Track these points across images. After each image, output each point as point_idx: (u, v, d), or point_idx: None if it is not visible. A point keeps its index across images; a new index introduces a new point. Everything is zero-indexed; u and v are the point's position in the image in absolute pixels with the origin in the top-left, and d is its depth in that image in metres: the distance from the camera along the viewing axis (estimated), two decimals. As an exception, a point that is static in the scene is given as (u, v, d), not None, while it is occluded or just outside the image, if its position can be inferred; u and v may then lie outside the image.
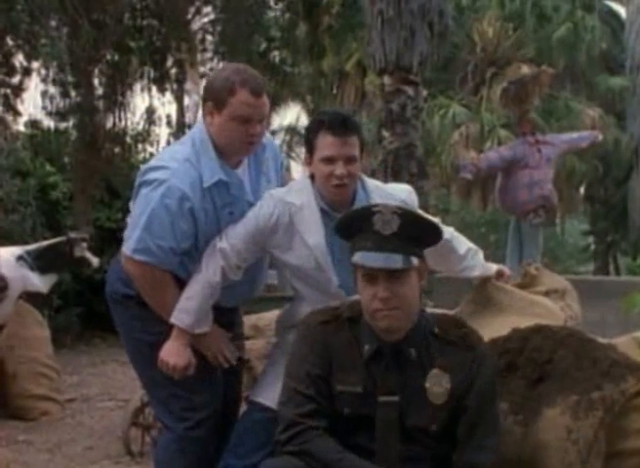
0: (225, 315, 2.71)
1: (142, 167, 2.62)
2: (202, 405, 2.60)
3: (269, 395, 2.50)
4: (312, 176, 2.56)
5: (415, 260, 2.09)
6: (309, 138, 2.53)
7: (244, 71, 2.55)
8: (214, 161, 2.52)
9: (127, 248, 2.52)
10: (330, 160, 2.46)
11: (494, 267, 2.95)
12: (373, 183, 2.66)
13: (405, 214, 2.08)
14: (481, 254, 2.89)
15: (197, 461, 2.61)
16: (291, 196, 2.55)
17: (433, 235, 2.17)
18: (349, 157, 2.46)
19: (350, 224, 2.14)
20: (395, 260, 2.04)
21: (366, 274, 2.08)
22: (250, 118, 2.50)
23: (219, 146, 2.53)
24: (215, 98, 2.51)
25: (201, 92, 2.82)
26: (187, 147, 2.55)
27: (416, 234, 2.09)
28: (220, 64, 10.22)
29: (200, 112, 2.65)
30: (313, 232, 2.50)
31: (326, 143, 2.46)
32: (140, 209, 2.51)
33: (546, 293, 2.97)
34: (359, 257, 2.08)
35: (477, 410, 2.10)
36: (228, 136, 2.51)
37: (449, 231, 2.79)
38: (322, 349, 2.14)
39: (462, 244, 2.86)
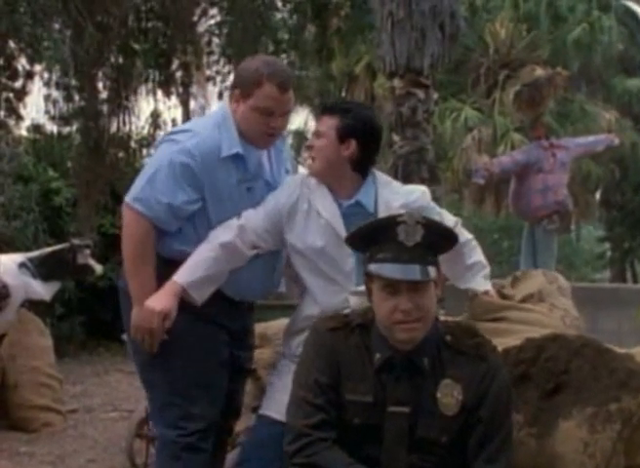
0: (241, 318, 2.70)
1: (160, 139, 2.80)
2: (199, 416, 2.58)
3: (279, 408, 2.48)
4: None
5: (434, 271, 2.09)
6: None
7: (274, 64, 2.66)
8: (234, 136, 2.60)
9: (129, 195, 2.59)
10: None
11: (484, 287, 2.84)
12: (384, 178, 2.72)
13: (428, 225, 2.09)
14: (486, 271, 2.86)
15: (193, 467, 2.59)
16: (307, 178, 2.66)
17: (450, 244, 2.19)
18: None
19: (372, 233, 2.13)
20: (418, 272, 2.05)
21: (387, 285, 2.07)
22: (273, 111, 2.58)
23: (240, 130, 2.62)
24: (242, 87, 2.61)
25: (207, 95, 2.95)
26: (212, 119, 2.67)
27: (436, 244, 2.10)
28: (227, 68, 10.26)
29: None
30: (328, 207, 2.59)
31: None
32: (152, 162, 2.65)
33: (523, 301, 2.93)
34: (380, 269, 2.07)
35: (490, 423, 2.09)
36: (249, 126, 2.60)
37: (465, 236, 2.77)
38: (331, 356, 2.13)
39: (474, 255, 2.83)
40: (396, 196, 2.63)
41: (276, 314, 3.27)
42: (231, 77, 8.75)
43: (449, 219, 2.75)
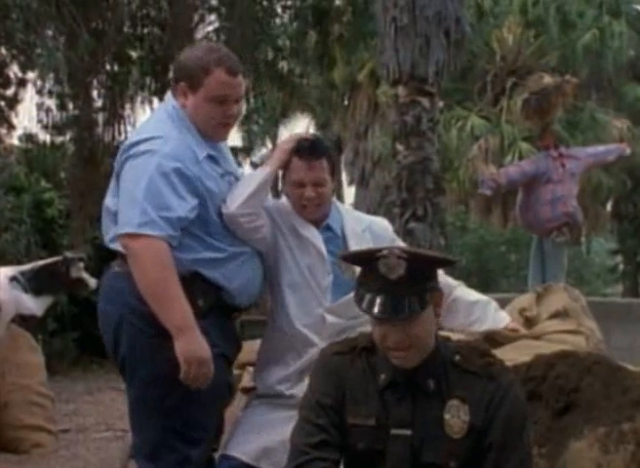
0: (234, 336, 2.66)
1: (124, 144, 2.58)
2: (197, 460, 2.49)
3: (243, 449, 2.52)
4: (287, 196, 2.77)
5: (423, 302, 2.06)
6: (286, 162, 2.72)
7: (218, 50, 2.59)
8: (197, 136, 2.54)
9: (128, 225, 2.40)
10: (300, 184, 2.66)
11: (504, 321, 2.87)
12: (343, 207, 2.91)
13: (411, 257, 2.06)
14: (494, 305, 2.89)
15: None
16: (280, 203, 2.79)
17: (438, 266, 2.20)
18: (317, 182, 2.66)
19: (356, 263, 2.16)
20: (406, 306, 2.03)
21: (375, 320, 2.08)
22: (226, 98, 2.53)
23: (197, 127, 2.55)
24: (188, 79, 2.53)
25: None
26: (169, 122, 2.54)
27: (425, 272, 2.09)
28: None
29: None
30: (306, 227, 2.71)
31: (295, 167, 2.66)
32: (134, 181, 2.42)
33: (550, 319, 2.93)
34: (365, 300, 2.06)
35: (503, 448, 2.05)
36: (204, 118, 2.53)
37: (454, 281, 2.89)
38: (335, 380, 2.14)
39: (470, 293, 2.91)
40: (359, 222, 2.80)
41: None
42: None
43: None
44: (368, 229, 2.78)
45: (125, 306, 2.49)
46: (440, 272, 2.76)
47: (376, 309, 2.03)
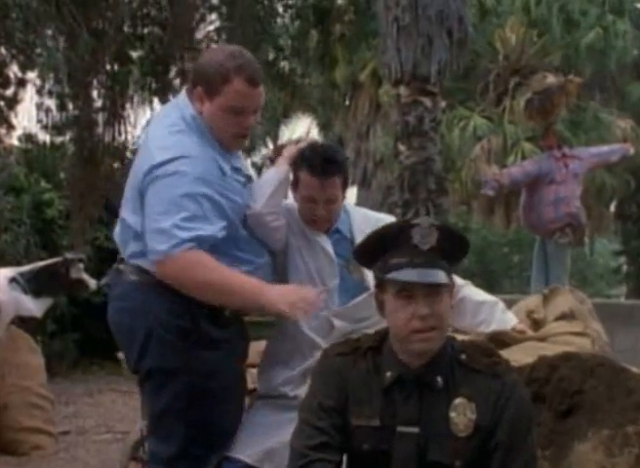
0: (246, 337, 2.67)
1: (146, 165, 2.45)
2: (214, 461, 2.53)
3: (244, 449, 2.53)
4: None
5: (450, 278, 2.10)
6: (294, 170, 2.67)
7: (240, 56, 2.46)
8: (218, 148, 2.50)
9: (161, 252, 2.36)
10: (311, 199, 2.65)
11: (511, 322, 2.87)
12: (352, 206, 2.91)
13: (443, 228, 2.11)
14: (501, 306, 2.89)
15: None
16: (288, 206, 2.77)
17: (462, 251, 2.20)
18: (329, 199, 2.65)
19: (383, 240, 2.13)
20: (436, 275, 2.06)
21: (401, 291, 2.07)
22: (244, 110, 2.46)
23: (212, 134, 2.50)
24: (206, 84, 2.44)
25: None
26: (192, 137, 2.47)
27: (450, 249, 2.11)
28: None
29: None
30: (315, 231, 2.71)
31: (307, 183, 2.64)
32: (163, 204, 2.37)
33: (557, 320, 2.93)
34: (396, 274, 2.07)
35: (509, 448, 2.05)
36: (220, 128, 2.48)
37: (461, 280, 2.87)
38: (338, 381, 2.13)
39: (478, 293, 2.91)
40: (367, 221, 2.78)
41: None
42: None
43: None
44: (375, 227, 2.78)
45: (155, 321, 2.48)
46: None
47: (408, 277, 2.04)
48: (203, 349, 2.48)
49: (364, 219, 2.79)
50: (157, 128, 2.58)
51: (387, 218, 2.89)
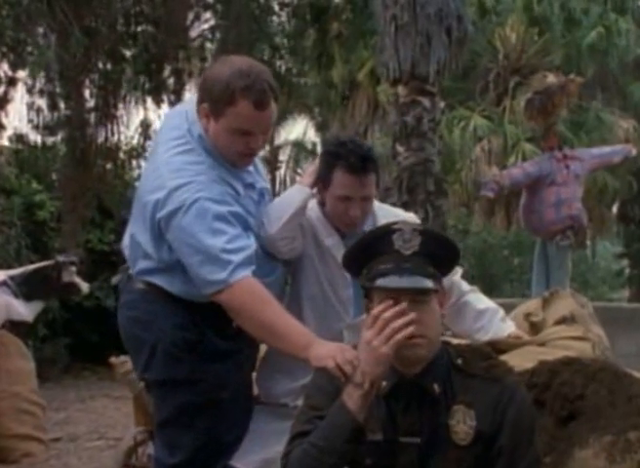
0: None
1: (159, 192, 2.37)
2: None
3: (247, 458, 2.53)
4: (322, 203, 2.66)
5: (436, 284, 2.08)
6: (325, 169, 2.59)
7: (248, 74, 2.34)
8: (228, 167, 2.47)
9: (217, 282, 2.32)
10: (346, 199, 2.58)
11: (508, 330, 2.86)
12: (375, 203, 2.78)
13: (426, 232, 2.09)
14: (501, 314, 2.89)
15: None
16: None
17: (451, 255, 2.17)
18: (366, 197, 2.59)
19: (367, 247, 2.12)
20: (421, 281, 2.04)
21: (387, 298, 2.05)
22: (251, 132, 2.39)
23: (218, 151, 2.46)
24: (211, 103, 2.37)
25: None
26: (201, 156, 2.43)
27: (436, 254, 2.09)
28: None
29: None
30: (330, 235, 2.66)
31: (343, 182, 2.56)
32: (203, 232, 2.32)
33: (556, 324, 2.93)
34: (380, 282, 2.06)
35: (512, 453, 2.04)
36: (224, 147, 2.41)
37: (467, 286, 2.88)
38: (335, 393, 2.09)
39: (482, 300, 2.91)
40: (391, 217, 2.68)
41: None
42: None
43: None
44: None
45: (161, 333, 2.48)
46: (457, 274, 2.78)
47: (391, 283, 2.03)
48: (210, 361, 2.49)
49: (388, 214, 2.71)
50: (165, 141, 2.51)
51: (412, 218, 2.81)
